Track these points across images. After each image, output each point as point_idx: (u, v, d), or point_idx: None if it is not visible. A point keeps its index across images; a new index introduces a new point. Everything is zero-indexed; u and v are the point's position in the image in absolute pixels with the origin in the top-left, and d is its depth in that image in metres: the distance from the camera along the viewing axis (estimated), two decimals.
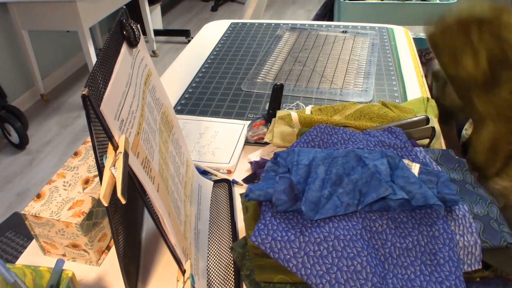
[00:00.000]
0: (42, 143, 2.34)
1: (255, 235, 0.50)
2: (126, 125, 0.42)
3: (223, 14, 4.15)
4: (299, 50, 1.19)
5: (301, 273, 0.48)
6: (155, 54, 3.28)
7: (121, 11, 0.51)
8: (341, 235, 0.49)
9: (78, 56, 3.06)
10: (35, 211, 0.56)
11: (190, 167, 0.68)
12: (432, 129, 0.73)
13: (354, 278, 0.47)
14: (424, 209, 0.54)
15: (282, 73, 1.07)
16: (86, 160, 0.64)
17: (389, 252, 0.50)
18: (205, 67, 1.13)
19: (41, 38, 2.67)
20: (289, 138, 0.78)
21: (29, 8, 2.25)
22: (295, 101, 0.95)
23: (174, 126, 0.64)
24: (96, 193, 0.59)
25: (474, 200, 0.56)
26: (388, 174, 0.54)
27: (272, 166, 0.59)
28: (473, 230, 0.51)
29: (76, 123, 2.51)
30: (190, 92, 1.01)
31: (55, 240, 0.58)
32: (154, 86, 0.58)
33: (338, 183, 0.54)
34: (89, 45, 2.33)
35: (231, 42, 1.27)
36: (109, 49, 0.45)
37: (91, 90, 0.36)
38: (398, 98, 0.95)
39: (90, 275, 0.58)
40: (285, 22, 1.39)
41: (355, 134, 0.66)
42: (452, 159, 0.63)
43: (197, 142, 0.81)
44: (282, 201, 0.52)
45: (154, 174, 0.46)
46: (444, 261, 0.49)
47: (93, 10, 2.33)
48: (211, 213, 0.67)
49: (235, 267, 0.57)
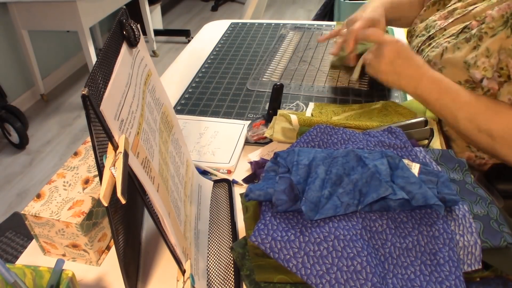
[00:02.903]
0: (42, 143, 2.34)
1: (255, 235, 0.50)
2: (126, 125, 0.42)
3: (223, 14, 4.15)
4: (303, 49, 1.19)
5: (301, 273, 0.48)
6: (155, 54, 3.29)
7: (121, 11, 0.51)
8: (341, 235, 0.49)
9: (78, 56, 3.06)
10: (35, 211, 0.56)
11: (190, 167, 0.68)
12: (431, 131, 0.74)
13: (354, 278, 0.47)
14: (424, 209, 0.54)
15: (287, 72, 1.07)
16: (86, 160, 0.64)
17: (389, 252, 0.50)
18: (205, 67, 1.13)
19: (41, 38, 2.67)
20: (290, 135, 0.78)
21: (29, 8, 2.25)
22: (295, 101, 0.95)
23: (174, 126, 0.64)
24: (96, 193, 0.59)
25: (474, 200, 0.56)
26: (388, 174, 0.54)
27: (272, 166, 0.59)
28: (473, 230, 0.51)
29: (76, 123, 2.51)
30: (190, 92, 1.01)
31: (55, 240, 0.58)
32: (154, 86, 0.58)
33: (338, 183, 0.54)
34: (89, 45, 2.33)
35: (231, 42, 1.27)
36: (109, 49, 0.45)
37: (91, 90, 0.36)
38: (398, 98, 0.95)
39: (90, 275, 0.58)
40: (285, 22, 1.39)
41: (355, 134, 0.66)
42: (452, 159, 0.63)
43: (197, 142, 0.81)
44: (282, 201, 0.52)
45: (154, 174, 0.46)
46: (444, 261, 0.49)
47: (93, 10, 2.33)
48: (211, 213, 0.67)
49: (235, 267, 0.57)
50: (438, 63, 0.81)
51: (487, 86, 0.73)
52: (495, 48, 0.71)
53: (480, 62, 0.72)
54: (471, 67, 0.74)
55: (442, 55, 0.80)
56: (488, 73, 0.72)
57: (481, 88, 0.74)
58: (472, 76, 0.74)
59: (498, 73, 0.72)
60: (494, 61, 0.71)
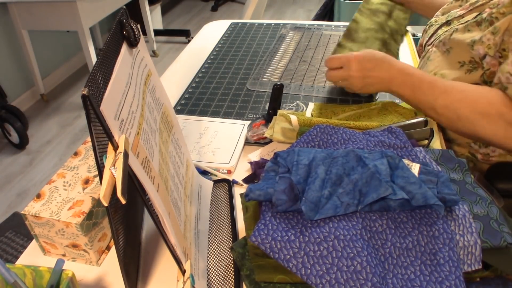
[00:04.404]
0: (42, 143, 2.34)
1: (255, 235, 0.50)
2: (126, 125, 0.42)
3: (223, 14, 4.15)
4: (303, 49, 1.19)
5: (301, 273, 0.48)
6: (155, 54, 3.29)
7: (121, 11, 0.51)
8: (341, 235, 0.49)
9: (78, 56, 3.07)
10: (35, 211, 0.56)
11: (190, 167, 0.68)
12: (431, 131, 0.74)
13: (354, 278, 0.47)
14: (424, 209, 0.54)
15: (287, 72, 1.07)
16: (86, 160, 0.64)
17: (389, 252, 0.50)
18: (205, 67, 1.13)
19: (41, 38, 2.67)
20: (290, 135, 0.78)
21: (29, 8, 2.25)
22: (295, 101, 0.95)
23: (174, 126, 0.64)
24: (96, 193, 0.59)
25: (474, 200, 0.56)
26: (388, 174, 0.54)
27: (272, 166, 0.59)
28: (473, 230, 0.51)
29: (76, 123, 2.51)
30: (190, 92, 1.01)
31: (55, 240, 0.58)
32: (154, 86, 0.58)
33: (338, 183, 0.54)
34: (89, 45, 2.33)
35: (231, 42, 1.27)
36: (109, 49, 0.45)
37: (91, 90, 0.36)
38: (398, 98, 0.95)
39: (90, 275, 0.58)
40: (285, 22, 1.39)
41: (355, 134, 0.66)
42: (452, 159, 0.63)
43: (197, 142, 0.81)
44: (282, 201, 0.52)
45: (154, 174, 0.46)
46: (444, 261, 0.49)
47: (93, 10, 2.33)
48: (211, 213, 0.67)
49: (235, 267, 0.57)
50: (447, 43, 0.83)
51: (488, 64, 0.75)
52: (502, 27, 0.73)
53: (485, 38, 0.75)
54: (476, 43, 0.76)
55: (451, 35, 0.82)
56: (490, 51, 0.75)
57: (481, 67, 0.77)
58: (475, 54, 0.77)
59: (499, 54, 0.74)
60: (498, 40, 0.74)
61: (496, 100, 0.71)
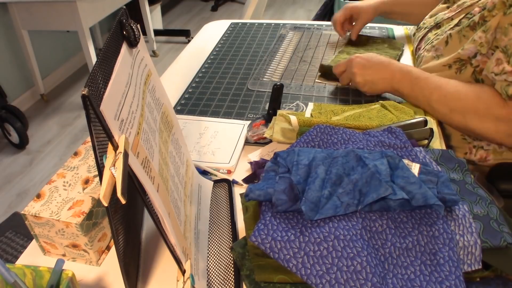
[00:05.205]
0: (42, 143, 2.34)
1: (255, 235, 0.50)
2: (126, 125, 0.42)
3: (223, 14, 4.15)
4: (303, 49, 1.19)
5: (301, 273, 0.48)
6: (155, 54, 3.29)
7: (121, 11, 0.51)
8: (341, 235, 0.49)
9: (78, 56, 3.06)
10: (35, 211, 0.56)
11: (190, 167, 0.68)
12: (431, 131, 0.74)
13: (354, 278, 0.47)
14: (424, 209, 0.54)
15: (288, 72, 1.07)
16: (86, 160, 0.64)
17: (389, 252, 0.50)
18: (205, 67, 1.13)
19: (41, 38, 2.67)
20: (290, 135, 0.78)
21: (29, 8, 2.25)
22: (295, 101, 0.95)
23: (174, 126, 0.64)
24: (96, 193, 0.59)
25: (474, 200, 0.56)
26: (388, 174, 0.54)
27: (272, 166, 0.59)
28: (473, 230, 0.51)
29: (76, 123, 2.51)
30: (190, 92, 1.01)
31: (55, 240, 0.58)
32: (154, 86, 0.58)
33: (338, 183, 0.54)
34: (89, 45, 2.33)
35: (231, 42, 1.27)
36: (109, 49, 0.45)
37: (91, 90, 0.36)
38: (398, 98, 0.95)
39: (90, 275, 0.58)
40: (285, 22, 1.39)
41: (355, 134, 0.66)
42: (452, 159, 0.63)
43: (197, 142, 0.81)
44: (282, 201, 0.52)
45: (154, 174, 0.46)
46: (444, 261, 0.49)
47: (93, 10, 2.33)
48: (211, 213, 0.67)
49: (235, 267, 0.57)
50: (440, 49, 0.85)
51: (478, 61, 0.78)
52: (493, 25, 0.75)
53: (477, 37, 0.76)
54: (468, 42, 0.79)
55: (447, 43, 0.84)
56: (483, 49, 0.77)
57: (470, 64, 0.79)
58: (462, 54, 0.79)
59: (492, 51, 0.75)
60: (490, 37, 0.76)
61: (484, 95, 0.74)
